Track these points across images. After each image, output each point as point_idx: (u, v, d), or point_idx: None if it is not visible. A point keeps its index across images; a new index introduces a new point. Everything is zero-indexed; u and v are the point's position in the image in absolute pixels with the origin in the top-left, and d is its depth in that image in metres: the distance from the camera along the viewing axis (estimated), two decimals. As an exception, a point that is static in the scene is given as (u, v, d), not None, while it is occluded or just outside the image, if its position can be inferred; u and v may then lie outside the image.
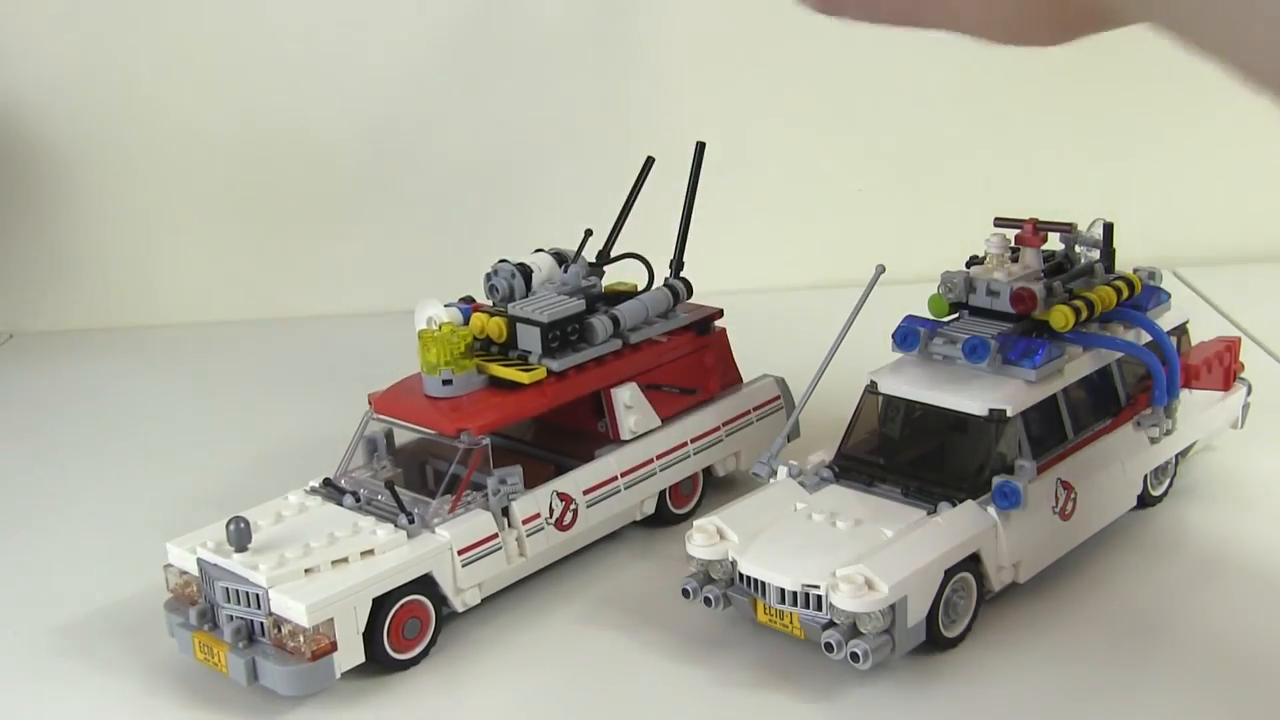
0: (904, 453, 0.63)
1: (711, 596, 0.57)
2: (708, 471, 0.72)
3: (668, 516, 0.70)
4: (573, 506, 0.64)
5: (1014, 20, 0.38)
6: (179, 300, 1.16)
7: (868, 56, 1.06)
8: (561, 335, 0.64)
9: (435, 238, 1.11)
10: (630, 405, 0.67)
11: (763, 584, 0.55)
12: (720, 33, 1.07)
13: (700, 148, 0.71)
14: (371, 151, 1.12)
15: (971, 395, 0.59)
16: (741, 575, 0.57)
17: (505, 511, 0.62)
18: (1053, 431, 0.61)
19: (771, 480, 0.62)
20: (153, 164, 1.13)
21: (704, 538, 0.57)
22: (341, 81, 1.10)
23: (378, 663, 0.57)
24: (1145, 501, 0.67)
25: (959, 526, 0.57)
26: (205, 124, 1.12)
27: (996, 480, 0.58)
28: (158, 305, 1.16)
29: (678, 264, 0.71)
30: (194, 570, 0.58)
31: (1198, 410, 0.68)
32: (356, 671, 0.56)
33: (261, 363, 1.04)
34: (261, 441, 0.84)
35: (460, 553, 0.59)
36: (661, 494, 0.69)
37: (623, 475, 0.67)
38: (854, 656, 0.53)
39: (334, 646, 0.55)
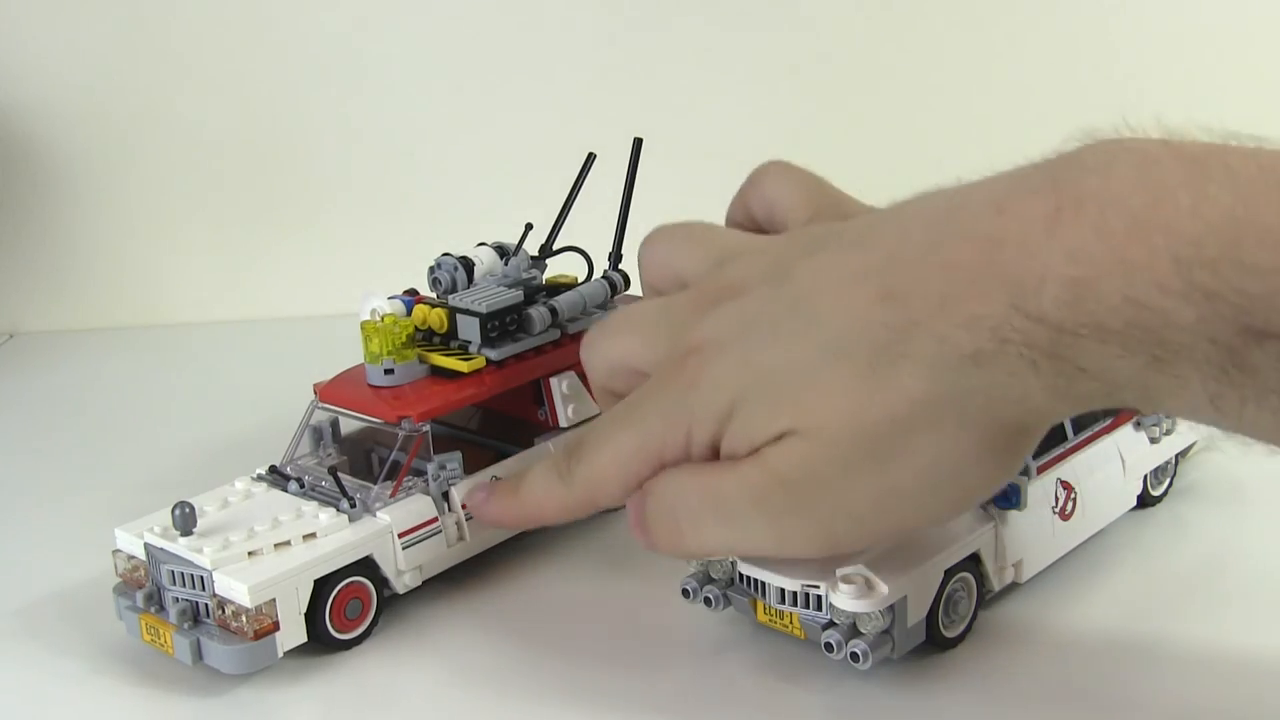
0: (904, 453, 0.63)
1: (711, 596, 0.57)
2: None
3: None
4: None
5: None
6: (179, 300, 1.16)
7: (847, 46, 1.06)
8: (500, 325, 0.66)
9: (434, 235, 1.11)
10: (568, 394, 0.69)
11: (763, 584, 0.55)
12: (666, 22, 1.07)
13: (637, 144, 0.72)
14: (370, 152, 1.12)
15: (971, 395, 0.59)
16: (741, 575, 0.57)
17: (446, 496, 0.63)
18: (1052, 431, 0.61)
19: (771, 480, 0.62)
20: (153, 164, 1.13)
21: (704, 538, 0.57)
22: (340, 83, 1.11)
23: (321, 643, 0.59)
24: (1145, 501, 0.67)
25: (959, 526, 0.57)
26: (206, 124, 1.12)
27: (996, 480, 0.58)
28: (158, 305, 1.16)
29: (616, 257, 0.73)
30: (141, 555, 0.60)
31: (1198, 410, 0.68)
32: (300, 651, 0.58)
33: (263, 361, 1.04)
34: (238, 434, 0.86)
35: (400, 535, 0.61)
36: None
37: None
38: (854, 656, 0.53)
39: (276, 626, 0.57)
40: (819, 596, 0.54)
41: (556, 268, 0.73)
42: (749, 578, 0.56)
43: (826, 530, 0.45)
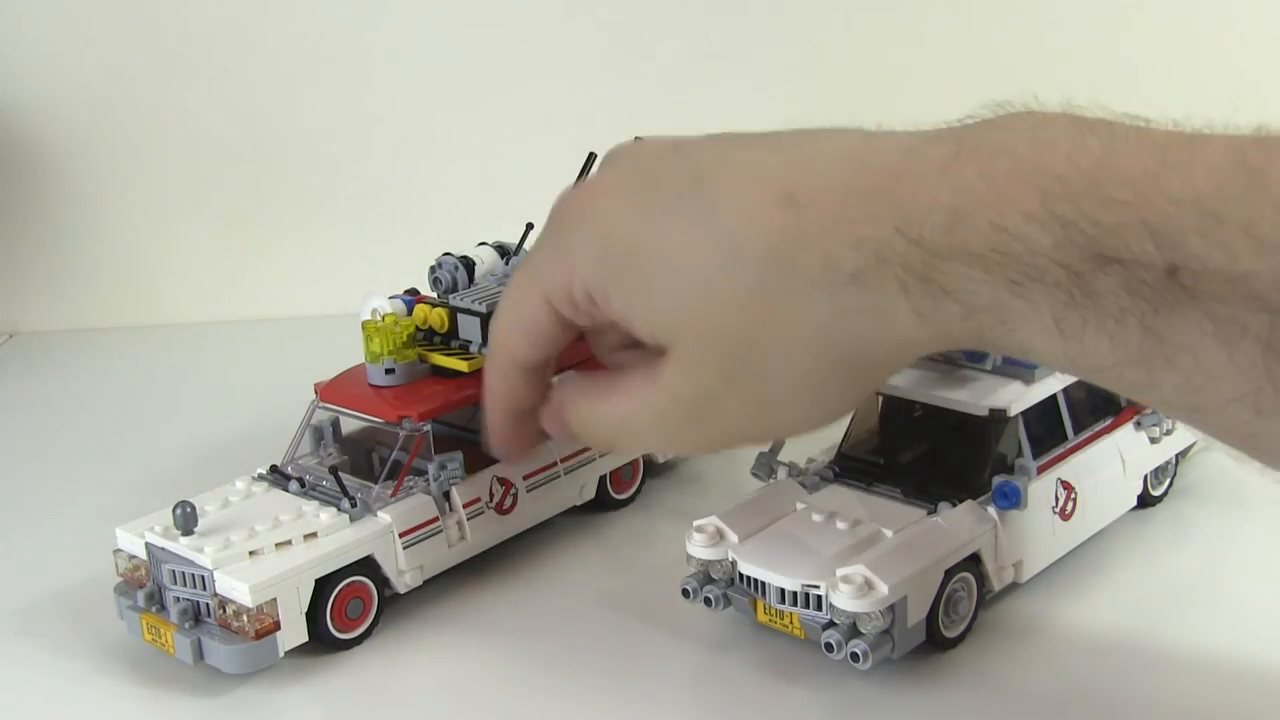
0: (904, 453, 0.63)
1: (711, 596, 0.57)
2: (648, 458, 0.73)
3: (609, 501, 0.72)
4: (513, 491, 0.66)
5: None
6: (179, 300, 1.16)
7: (851, 45, 1.06)
8: None
9: (435, 235, 1.11)
10: None
11: (763, 584, 0.55)
12: (667, 22, 1.08)
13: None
14: (370, 152, 1.12)
15: (971, 395, 0.59)
16: (741, 575, 0.57)
17: (447, 496, 0.63)
18: (1053, 431, 0.61)
19: (771, 480, 0.62)
20: (153, 164, 1.13)
21: (704, 538, 0.57)
22: (341, 82, 1.11)
23: (322, 642, 0.59)
24: (1145, 501, 0.67)
25: (959, 526, 0.57)
26: (205, 124, 1.12)
27: (996, 480, 0.58)
28: (158, 305, 1.16)
29: None
30: (143, 554, 0.60)
31: (1198, 410, 0.68)
32: (301, 651, 0.58)
33: (263, 361, 1.04)
34: (238, 433, 0.86)
35: (401, 535, 0.61)
36: (602, 479, 0.71)
37: (562, 461, 0.68)
38: (854, 656, 0.53)
39: (277, 626, 0.57)
40: (819, 596, 0.54)
41: None
42: (749, 577, 0.56)
43: (708, 437, 0.49)
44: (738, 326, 0.44)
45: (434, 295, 0.70)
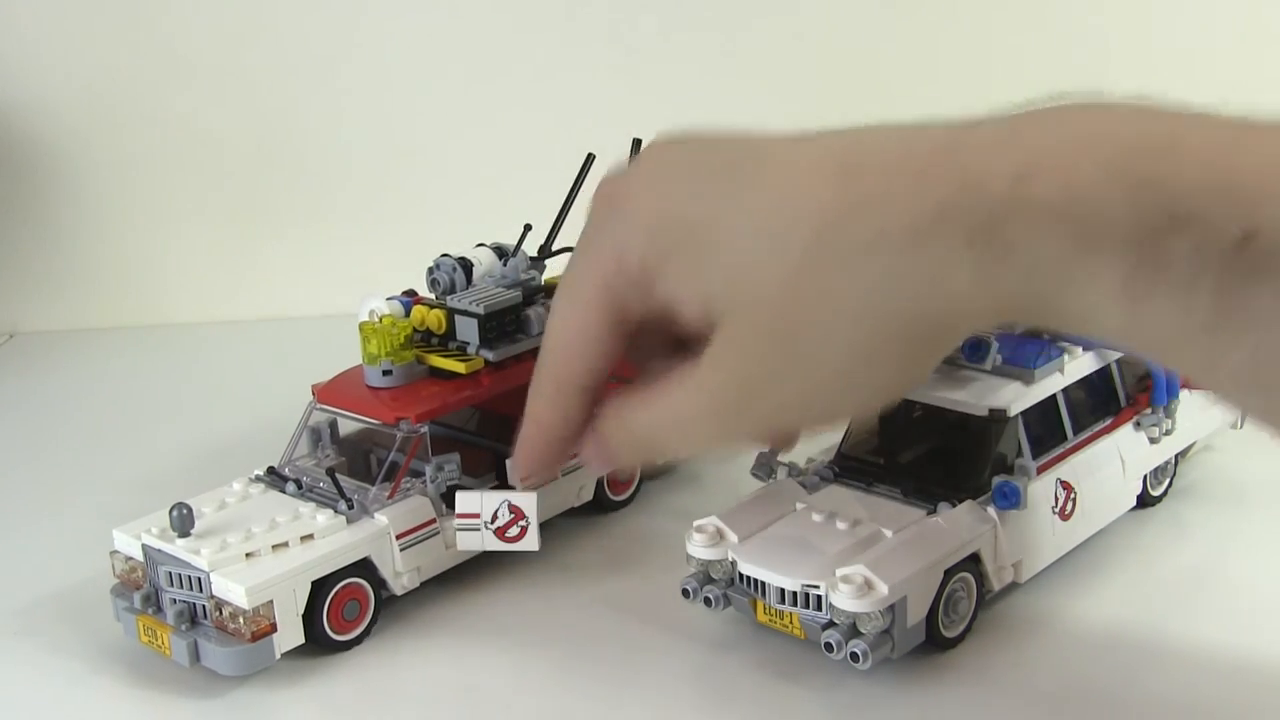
0: (904, 453, 0.63)
1: (711, 596, 0.57)
2: None
3: (606, 503, 0.72)
4: (521, 522, 0.63)
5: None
6: (179, 300, 1.16)
7: (852, 44, 1.06)
8: (499, 326, 0.66)
9: (433, 236, 1.11)
10: None
11: (763, 584, 0.55)
12: (667, 22, 1.08)
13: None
14: (369, 153, 1.12)
15: (971, 395, 0.59)
16: (741, 575, 0.57)
17: (444, 498, 0.63)
18: (1053, 431, 0.61)
19: (771, 480, 0.62)
20: (153, 164, 1.13)
21: (704, 538, 0.57)
22: (340, 83, 1.11)
23: (318, 644, 0.59)
24: (1145, 501, 0.67)
25: (959, 526, 0.57)
26: (206, 124, 1.12)
27: (996, 480, 0.58)
28: (158, 305, 1.16)
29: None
30: (139, 556, 0.60)
31: (1197, 410, 0.68)
32: (297, 652, 0.58)
33: (261, 362, 1.04)
34: (236, 434, 0.86)
35: (398, 537, 0.61)
36: (600, 481, 0.71)
37: None
38: (854, 656, 0.53)
39: (274, 628, 0.57)
40: (819, 596, 0.54)
41: (556, 268, 0.73)
42: (749, 578, 0.56)
43: (761, 420, 0.46)
44: (786, 297, 0.42)
45: (432, 296, 0.70)
